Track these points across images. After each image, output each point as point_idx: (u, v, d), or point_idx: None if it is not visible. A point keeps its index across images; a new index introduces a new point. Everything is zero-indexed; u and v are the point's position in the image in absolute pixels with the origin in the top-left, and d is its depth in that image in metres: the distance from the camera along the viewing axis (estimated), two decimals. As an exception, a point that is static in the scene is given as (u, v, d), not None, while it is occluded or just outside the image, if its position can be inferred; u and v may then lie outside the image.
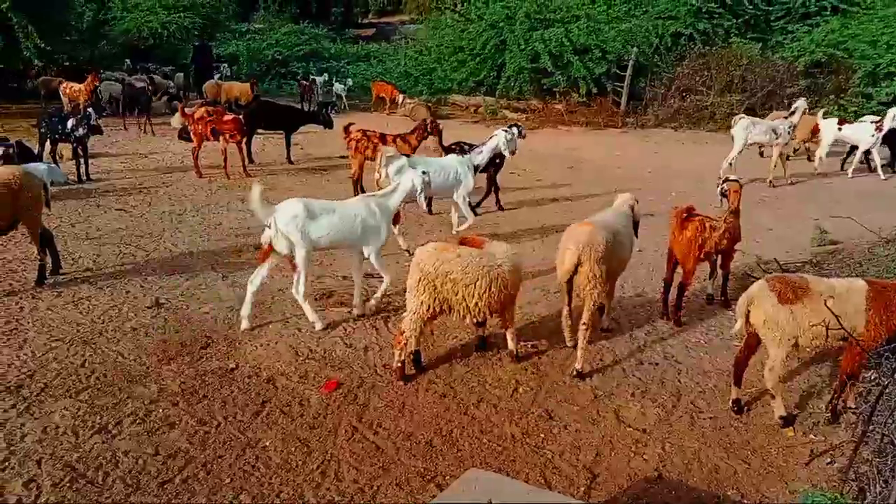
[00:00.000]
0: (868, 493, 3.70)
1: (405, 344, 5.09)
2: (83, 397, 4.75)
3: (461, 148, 9.71)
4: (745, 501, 3.97)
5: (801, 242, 8.64)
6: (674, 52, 20.25)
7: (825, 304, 4.29)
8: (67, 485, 3.89)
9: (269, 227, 5.66)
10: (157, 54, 26.09)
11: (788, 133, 11.90)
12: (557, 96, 20.63)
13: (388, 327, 5.98)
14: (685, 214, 6.14)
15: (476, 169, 8.68)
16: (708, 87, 19.21)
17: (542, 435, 4.56)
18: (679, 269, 6.33)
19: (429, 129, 10.29)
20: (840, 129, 12.62)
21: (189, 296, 6.55)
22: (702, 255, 6.18)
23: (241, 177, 11.43)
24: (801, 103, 12.50)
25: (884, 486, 3.58)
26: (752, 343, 4.80)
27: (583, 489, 4.05)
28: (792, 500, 3.93)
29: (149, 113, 15.44)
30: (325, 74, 22.63)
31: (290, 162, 12.93)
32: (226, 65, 25.09)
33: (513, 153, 9.11)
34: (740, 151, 11.80)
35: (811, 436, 4.61)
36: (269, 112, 13.40)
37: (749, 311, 4.65)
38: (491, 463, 4.24)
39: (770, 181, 11.95)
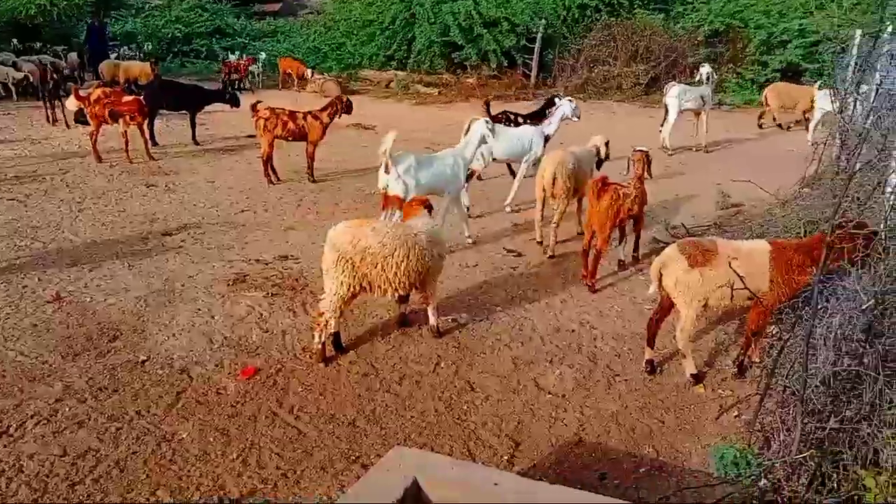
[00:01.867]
0: (773, 443, 3.90)
1: (324, 326, 5.02)
2: (-20, 401, 4.47)
3: (507, 117, 10.11)
4: (661, 458, 4.12)
5: (706, 206, 8.98)
6: (581, 24, 20.55)
7: (730, 265, 4.46)
8: (-33, 494, 3.66)
9: (388, 173, 6.69)
10: (47, 33, 24.54)
11: (711, 99, 12.72)
12: (469, 70, 20.63)
13: (306, 310, 5.88)
14: (601, 184, 6.32)
15: (547, 138, 9.22)
16: (614, 58, 19.63)
17: (465, 407, 4.60)
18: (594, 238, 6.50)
19: (341, 108, 10.17)
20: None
21: (93, 287, 6.24)
22: (617, 222, 6.42)
23: (145, 160, 10.94)
24: (705, 69, 13.03)
25: (787, 434, 3.78)
26: (666, 305, 4.97)
27: (506, 458, 4.11)
28: (704, 453, 4.10)
29: (59, 98, 14.05)
30: (238, 52, 21.83)
31: (196, 143, 12.45)
32: (145, 44, 23.55)
33: (578, 117, 9.80)
34: (676, 118, 12.36)
35: (720, 391, 4.83)
36: (172, 92, 12.84)
37: (661, 275, 4.80)
38: (415, 439, 4.25)
39: (705, 147, 12.65)
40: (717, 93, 15.58)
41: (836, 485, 3.39)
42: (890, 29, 8.39)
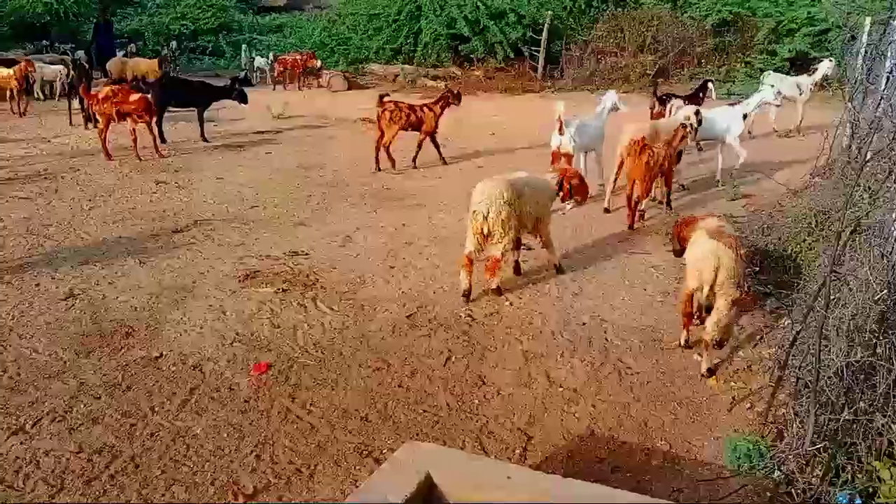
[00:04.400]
0: (786, 435, 3.89)
1: (499, 269, 6.03)
2: (-4, 398, 4.52)
3: (669, 98, 11.10)
4: (674, 451, 4.11)
5: (716, 196, 8.96)
6: (587, 15, 20.48)
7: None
8: (-15, 491, 3.70)
9: (562, 134, 8.28)
10: (54, 32, 24.66)
11: (811, 89, 13.00)
12: (475, 62, 20.61)
13: (317, 305, 5.90)
14: (641, 145, 7.60)
15: (744, 117, 9.83)
16: (621, 49, 19.57)
17: (477, 401, 4.61)
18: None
19: (453, 99, 10.82)
20: None
21: (105, 284, 6.28)
22: (653, 174, 7.76)
23: (154, 158, 10.99)
24: (825, 64, 13.00)
25: (800, 426, 3.76)
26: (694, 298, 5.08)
27: (518, 451, 4.11)
28: (717, 446, 4.10)
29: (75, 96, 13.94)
30: (244, 46, 21.86)
31: (205, 140, 12.50)
32: (171, 42, 23.24)
33: (779, 105, 10.54)
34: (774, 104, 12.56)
35: (732, 383, 4.81)
36: (180, 89, 12.89)
37: (716, 275, 4.75)
38: (428, 433, 4.26)
39: (800, 132, 12.99)
40: (724, 83, 15.50)
41: (850, 476, 3.38)
42: (901, 16, 8.29)
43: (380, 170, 10.47)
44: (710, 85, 11.73)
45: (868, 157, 5.93)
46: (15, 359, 4.99)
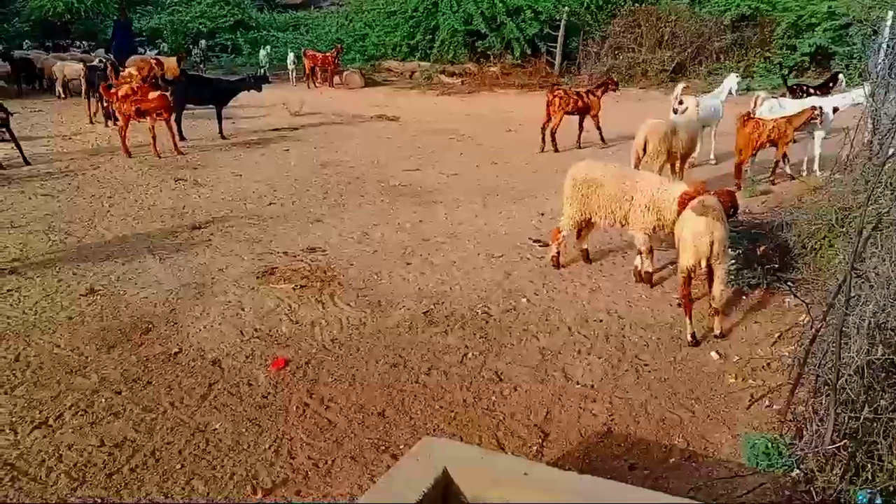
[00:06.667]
0: (805, 432, 3.86)
1: (561, 241, 6.50)
2: (19, 392, 4.58)
3: (801, 88, 11.84)
4: (692, 448, 4.10)
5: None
6: (605, 11, 20.37)
7: None
8: (9, 483, 3.75)
9: (678, 114, 9.35)
10: (75, 31, 24.90)
11: None
12: (492, 59, 20.56)
13: (335, 301, 5.92)
14: (746, 118, 8.67)
15: (834, 110, 9.87)
16: (639, 45, 19.44)
17: (493, 398, 4.61)
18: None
19: (612, 86, 12.03)
20: None
21: (126, 281, 6.35)
22: (758, 144, 8.70)
23: (173, 155, 11.07)
24: None
25: (819, 424, 3.74)
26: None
27: (535, 448, 4.11)
28: (735, 444, 4.08)
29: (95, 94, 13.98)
30: (268, 47, 21.99)
31: (223, 137, 12.58)
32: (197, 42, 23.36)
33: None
34: None
35: (751, 381, 4.78)
36: (198, 86, 12.97)
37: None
38: (444, 429, 4.27)
39: None
40: (745, 78, 15.33)
41: (870, 475, 3.35)
42: (924, 10, 8.20)
43: (544, 150, 11.43)
44: (840, 76, 12.27)
45: (890, 153, 5.87)
46: (37, 354, 5.06)
